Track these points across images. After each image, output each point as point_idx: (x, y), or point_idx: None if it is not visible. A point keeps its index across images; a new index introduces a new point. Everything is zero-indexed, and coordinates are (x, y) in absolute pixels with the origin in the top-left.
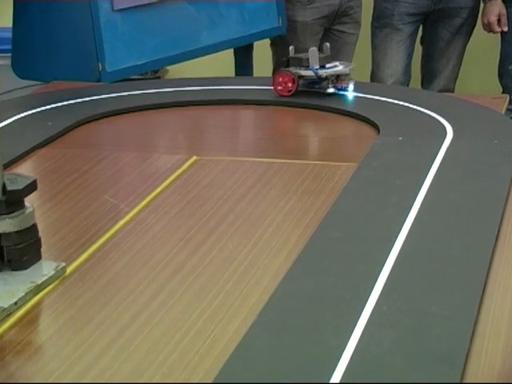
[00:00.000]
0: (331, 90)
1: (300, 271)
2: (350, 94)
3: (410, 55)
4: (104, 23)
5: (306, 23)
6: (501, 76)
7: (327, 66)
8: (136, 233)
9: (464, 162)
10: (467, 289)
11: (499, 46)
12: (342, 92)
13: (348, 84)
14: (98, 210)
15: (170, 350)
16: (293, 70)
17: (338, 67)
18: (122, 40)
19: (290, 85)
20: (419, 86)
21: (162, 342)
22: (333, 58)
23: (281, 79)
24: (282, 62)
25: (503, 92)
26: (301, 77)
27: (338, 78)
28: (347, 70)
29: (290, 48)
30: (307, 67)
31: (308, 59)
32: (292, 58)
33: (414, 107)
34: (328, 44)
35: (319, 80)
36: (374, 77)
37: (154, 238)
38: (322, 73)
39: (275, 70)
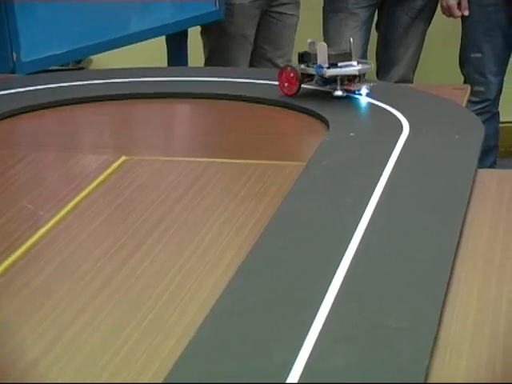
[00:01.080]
0: (339, 93)
1: (242, 283)
2: (364, 98)
3: (366, 43)
4: (19, 7)
5: (244, 6)
6: (462, 65)
7: (340, 64)
8: (58, 243)
9: (422, 160)
10: (427, 298)
11: (460, 33)
12: (353, 95)
13: (360, 87)
14: (15, 217)
15: (95, 377)
16: (301, 66)
17: (350, 67)
18: (39, 26)
19: (292, 82)
20: (374, 77)
21: (87, 367)
22: (343, 56)
23: (283, 75)
24: (300, 54)
25: (465, 82)
26: (306, 75)
27: (352, 79)
28: (355, 71)
29: (320, 43)
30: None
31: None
32: (306, 52)
33: (368, 100)
34: (351, 39)
35: (328, 80)
36: None
37: (78, 248)
38: (325, 72)
39: (208, 62)
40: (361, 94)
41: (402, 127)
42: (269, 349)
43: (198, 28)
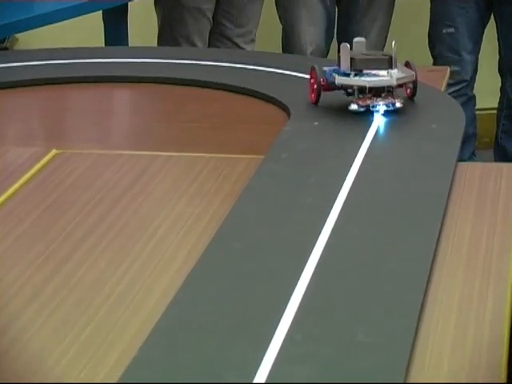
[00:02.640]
0: (353, 107)
1: (191, 294)
2: (378, 117)
3: (330, 17)
4: None
5: None
6: (433, 43)
7: (366, 71)
8: None
9: (395, 152)
10: (401, 310)
11: (429, 6)
12: (370, 110)
13: (377, 103)
14: None
15: None
16: (326, 70)
17: (369, 77)
18: None
19: (312, 89)
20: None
21: None
22: (374, 63)
23: (310, 78)
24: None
25: (435, 63)
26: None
27: (378, 92)
28: (366, 83)
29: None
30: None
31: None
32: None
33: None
34: (394, 42)
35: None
36: (289, 46)
37: (2, 255)
38: (340, 80)
39: (159, 37)
40: (377, 111)
41: (372, 115)
42: (220, 370)
43: (141, 1)
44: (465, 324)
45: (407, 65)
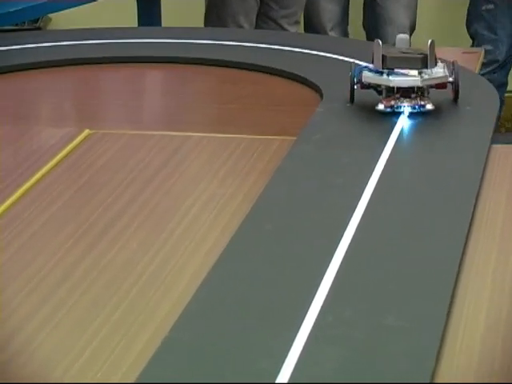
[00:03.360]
0: (380, 107)
1: (222, 275)
2: (403, 119)
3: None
4: None
5: None
6: (470, 21)
7: (397, 70)
8: (10, 230)
9: (428, 135)
10: (433, 294)
11: None
12: (396, 110)
13: (401, 104)
14: None
15: (56, 379)
16: (363, 66)
17: (397, 77)
18: None
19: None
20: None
21: (45, 369)
22: (407, 61)
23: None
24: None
25: (473, 43)
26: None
27: (407, 93)
28: (389, 82)
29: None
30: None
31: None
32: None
33: (366, 65)
34: (431, 41)
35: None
36: (309, 23)
37: (34, 236)
38: (366, 78)
39: (205, 18)
40: (401, 113)
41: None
42: (252, 353)
43: None
44: (498, 308)
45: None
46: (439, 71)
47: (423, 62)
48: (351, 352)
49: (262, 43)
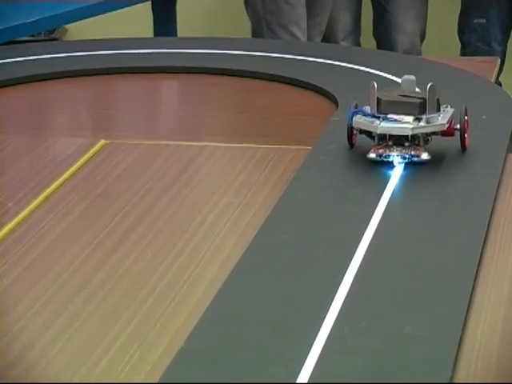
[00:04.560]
0: (370, 156)
1: (238, 285)
2: (396, 170)
3: (359, 4)
4: None
5: None
6: (462, 32)
7: (390, 116)
8: (28, 239)
9: (444, 144)
10: (450, 303)
11: None
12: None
13: (390, 153)
14: None
15: None
16: (365, 110)
17: (391, 124)
18: None
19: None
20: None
21: (61, 379)
22: (403, 106)
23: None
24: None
25: (463, 50)
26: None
27: (398, 141)
28: (376, 128)
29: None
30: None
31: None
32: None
33: (380, 73)
34: (430, 85)
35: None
36: (323, 34)
37: (51, 245)
38: (356, 122)
39: (256, 33)
40: (390, 162)
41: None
42: (267, 363)
43: None
44: None
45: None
46: (440, 118)
47: (421, 107)
48: (367, 362)
49: (275, 53)
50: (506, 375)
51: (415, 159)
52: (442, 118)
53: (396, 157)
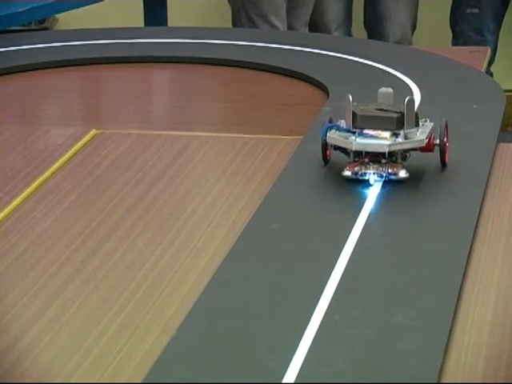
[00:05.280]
0: (345, 173)
1: (229, 274)
2: (372, 189)
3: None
4: None
5: None
6: (455, 21)
7: (366, 132)
8: (19, 229)
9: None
10: (440, 291)
11: None
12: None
13: (365, 171)
14: None
15: (63, 379)
16: (340, 124)
17: (366, 140)
18: None
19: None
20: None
21: (52, 369)
22: (379, 121)
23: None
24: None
25: (455, 40)
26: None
27: (376, 158)
28: (351, 145)
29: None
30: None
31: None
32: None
33: (371, 63)
34: (408, 99)
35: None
36: (314, 25)
37: (42, 235)
38: (329, 138)
39: (236, 21)
40: (366, 180)
41: (411, 95)
42: (258, 351)
43: None
44: (504, 305)
45: (445, 127)
46: (419, 133)
47: (399, 121)
48: (358, 351)
49: (266, 42)
50: (496, 365)
51: (393, 177)
52: (420, 133)
53: (372, 175)
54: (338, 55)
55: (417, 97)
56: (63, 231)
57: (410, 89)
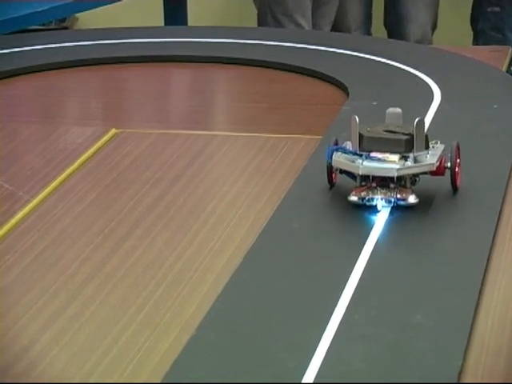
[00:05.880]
0: (352, 198)
1: (249, 274)
2: (380, 215)
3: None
4: None
5: None
6: (476, 20)
7: (374, 155)
8: (39, 228)
9: (455, 133)
10: (460, 292)
11: None
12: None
13: (372, 196)
14: None
15: (82, 378)
16: (347, 147)
17: (375, 163)
18: None
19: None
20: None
21: (72, 367)
22: (387, 143)
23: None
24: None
25: (476, 39)
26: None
27: (384, 181)
28: (358, 169)
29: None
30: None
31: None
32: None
33: (392, 63)
34: (418, 120)
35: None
36: (334, 25)
37: (62, 234)
38: (335, 162)
39: (262, 22)
40: (373, 206)
41: (432, 95)
42: (278, 350)
43: None
44: None
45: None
46: (429, 156)
47: (408, 144)
48: (377, 350)
49: (286, 42)
50: None
51: (401, 203)
52: (430, 157)
53: (380, 200)
54: (359, 55)
55: (437, 97)
56: (83, 230)
57: (431, 88)
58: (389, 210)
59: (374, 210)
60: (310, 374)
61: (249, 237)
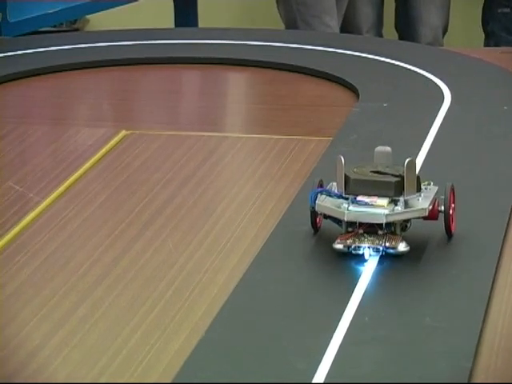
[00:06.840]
0: (337, 246)
1: (258, 275)
2: (367, 265)
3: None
4: None
5: None
6: (487, 21)
7: (360, 199)
8: (49, 229)
9: (466, 135)
10: (470, 294)
11: None
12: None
13: (359, 244)
14: (0, 200)
15: (93, 379)
16: (332, 188)
17: (363, 208)
18: None
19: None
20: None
21: (82, 369)
22: (375, 186)
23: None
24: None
25: (487, 40)
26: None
27: (372, 228)
28: (344, 216)
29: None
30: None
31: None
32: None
33: (402, 65)
34: (409, 160)
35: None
36: (345, 27)
37: (72, 235)
38: (318, 206)
39: (292, 21)
40: (360, 255)
41: (442, 96)
42: (288, 352)
43: None
44: None
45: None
46: (421, 199)
47: (397, 187)
48: (388, 352)
49: (295, 43)
50: None
51: (391, 251)
52: (423, 200)
53: (367, 249)
54: (369, 56)
55: (447, 98)
56: (93, 232)
57: (441, 90)
58: (377, 259)
59: (361, 259)
60: (320, 375)
61: (259, 238)
